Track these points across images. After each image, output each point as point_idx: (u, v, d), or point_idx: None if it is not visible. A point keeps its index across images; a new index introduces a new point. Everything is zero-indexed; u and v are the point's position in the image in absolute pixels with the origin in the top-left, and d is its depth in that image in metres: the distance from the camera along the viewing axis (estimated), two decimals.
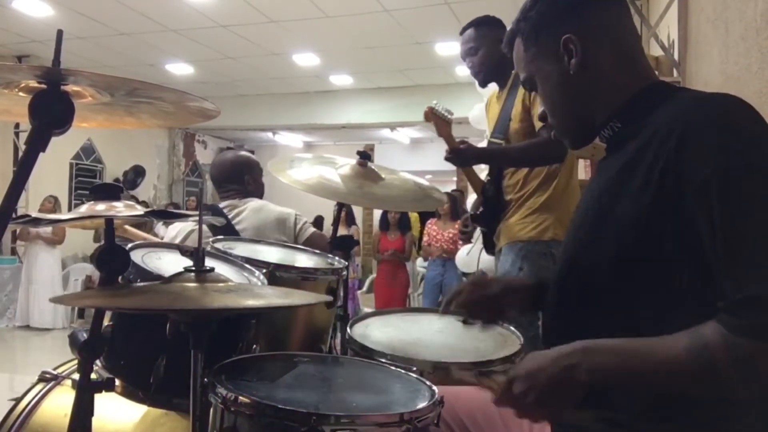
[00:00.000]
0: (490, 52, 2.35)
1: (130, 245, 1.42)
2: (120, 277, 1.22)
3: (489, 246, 2.50)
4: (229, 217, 2.31)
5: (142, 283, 1.28)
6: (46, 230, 6.87)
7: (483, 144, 2.69)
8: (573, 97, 1.04)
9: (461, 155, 2.28)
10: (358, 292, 7.37)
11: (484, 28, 2.38)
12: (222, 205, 2.42)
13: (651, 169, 0.87)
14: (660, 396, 0.88)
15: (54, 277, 7.19)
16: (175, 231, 2.37)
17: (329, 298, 1.40)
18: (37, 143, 0.89)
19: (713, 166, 0.81)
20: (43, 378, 1.47)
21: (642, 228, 0.88)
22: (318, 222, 9.88)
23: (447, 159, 2.31)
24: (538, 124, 2.15)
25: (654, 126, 0.92)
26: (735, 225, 0.79)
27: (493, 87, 2.51)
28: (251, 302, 1.04)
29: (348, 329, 1.55)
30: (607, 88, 1.01)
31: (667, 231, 0.85)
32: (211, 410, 0.99)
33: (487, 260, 2.75)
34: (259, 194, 2.51)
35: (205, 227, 2.00)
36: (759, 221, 0.79)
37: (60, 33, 0.91)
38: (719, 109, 0.87)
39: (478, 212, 2.48)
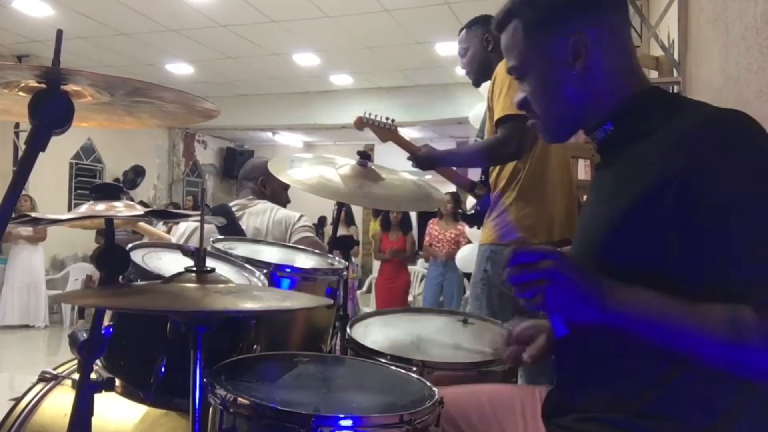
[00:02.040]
0: (476, 51, 2.34)
1: (130, 245, 1.42)
2: (120, 277, 1.22)
3: None
4: (236, 216, 2.33)
5: (141, 283, 1.28)
6: (27, 229, 6.86)
7: None
8: (569, 94, 1.02)
9: (418, 160, 2.25)
10: (358, 292, 7.37)
11: (474, 28, 2.37)
12: (232, 203, 2.44)
13: (656, 184, 0.87)
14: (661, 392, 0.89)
15: (38, 275, 7.15)
16: (182, 229, 2.39)
17: (329, 301, 1.40)
18: (37, 143, 0.89)
19: (730, 189, 0.82)
20: (43, 378, 1.47)
21: (646, 241, 0.88)
22: (321, 222, 9.88)
23: (413, 165, 2.29)
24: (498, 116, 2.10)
25: (656, 137, 0.91)
26: (759, 245, 0.81)
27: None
28: (251, 305, 1.04)
29: (348, 329, 1.55)
30: (604, 89, 1.00)
31: (673, 245, 0.86)
32: (210, 411, 0.99)
33: None
34: (279, 203, 2.52)
35: (213, 227, 2.02)
36: None
37: (60, 33, 0.91)
38: (731, 129, 0.87)
39: (471, 212, 2.44)
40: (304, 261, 1.78)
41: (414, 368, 1.32)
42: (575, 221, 2.27)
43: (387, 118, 2.32)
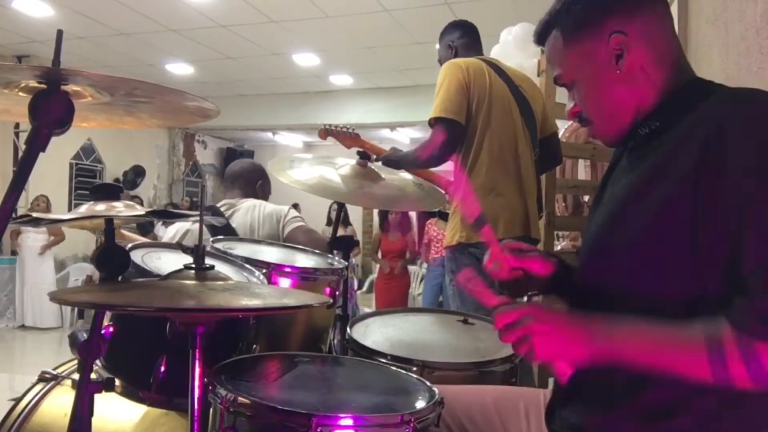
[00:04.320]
0: (446, 60, 2.38)
1: (129, 245, 1.42)
2: (120, 277, 1.21)
3: None
4: (226, 215, 2.34)
5: (140, 279, 1.28)
6: (42, 235, 6.94)
7: None
8: (618, 95, 1.00)
9: (381, 162, 2.31)
10: (358, 292, 7.36)
11: (441, 40, 2.49)
12: (220, 204, 2.44)
13: (685, 164, 0.86)
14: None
15: (47, 276, 7.21)
16: (174, 230, 2.39)
17: (329, 299, 1.40)
18: (37, 143, 0.89)
19: (750, 165, 0.81)
20: (43, 378, 1.47)
21: (673, 220, 0.87)
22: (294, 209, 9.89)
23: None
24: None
25: (690, 123, 0.90)
26: (757, 232, 0.79)
27: None
28: (249, 302, 1.04)
29: (348, 329, 1.55)
30: (649, 87, 0.99)
31: (698, 226, 0.84)
32: (211, 410, 0.99)
33: None
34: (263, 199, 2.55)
35: (204, 228, 2.02)
36: None
37: (60, 33, 0.91)
38: (757, 106, 0.86)
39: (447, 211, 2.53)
40: (304, 260, 1.78)
41: (414, 368, 1.32)
42: (533, 210, 2.27)
43: (348, 128, 2.50)
